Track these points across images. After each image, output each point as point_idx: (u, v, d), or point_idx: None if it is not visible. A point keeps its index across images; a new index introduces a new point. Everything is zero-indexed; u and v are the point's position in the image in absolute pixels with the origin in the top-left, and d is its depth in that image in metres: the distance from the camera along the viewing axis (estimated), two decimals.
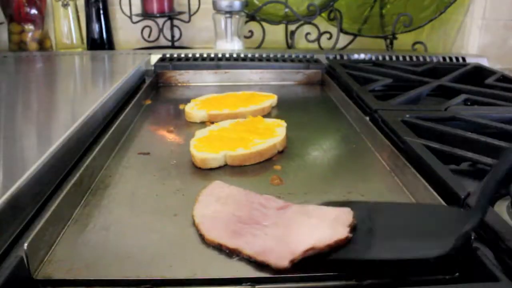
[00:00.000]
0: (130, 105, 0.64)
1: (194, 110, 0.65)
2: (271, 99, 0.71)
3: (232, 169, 0.50)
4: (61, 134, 0.48)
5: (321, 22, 1.09)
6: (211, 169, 0.50)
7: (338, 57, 0.95)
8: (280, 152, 0.54)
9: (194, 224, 0.38)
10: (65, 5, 1.02)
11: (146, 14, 1.07)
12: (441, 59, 0.93)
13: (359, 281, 0.32)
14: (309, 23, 1.06)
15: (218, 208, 0.40)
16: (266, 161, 0.52)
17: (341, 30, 1.08)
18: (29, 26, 1.00)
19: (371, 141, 0.57)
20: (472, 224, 0.31)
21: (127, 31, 1.13)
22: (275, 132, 0.55)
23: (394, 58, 0.94)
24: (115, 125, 0.56)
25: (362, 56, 0.95)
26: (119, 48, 1.11)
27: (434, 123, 0.55)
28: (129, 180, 0.47)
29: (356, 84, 0.73)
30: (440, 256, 0.31)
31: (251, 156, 0.51)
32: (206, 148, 0.51)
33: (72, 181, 0.41)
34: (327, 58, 0.92)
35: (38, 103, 0.64)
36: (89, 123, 0.55)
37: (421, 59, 0.93)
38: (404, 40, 1.11)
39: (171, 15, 1.09)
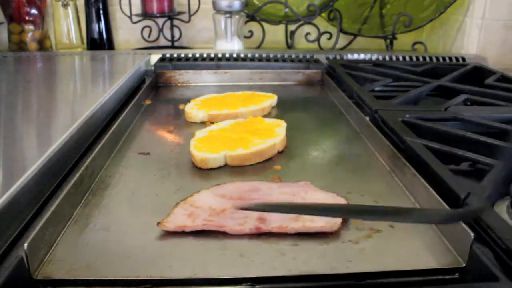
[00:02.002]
0: (130, 105, 0.64)
1: (194, 110, 0.65)
2: (271, 99, 0.71)
3: (232, 169, 0.50)
4: (61, 134, 0.48)
5: (321, 22, 1.09)
6: (211, 169, 0.50)
7: (338, 57, 0.95)
8: (280, 152, 0.54)
9: None
10: (65, 5, 1.02)
11: (146, 14, 1.07)
12: (441, 59, 0.93)
13: (358, 281, 0.32)
14: (309, 23, 1.06)
15: None
16: (266, 161, 0.52)
17: (341, 30, 1.08)
18: (29, 26, 1.00)
19: (371, 141, 0.57)
20: (481, 205, 0.32)
21: (127, 31, 1.13)
22: (275, 132, 0.55)
23: (394, 58, 0.94)
24: (115, 125, 0.56)
25: (362, 56, 0.95)
26: (119, 48, 1.11)
27: (434, 123, 0.55)
28: (129, 180, 0.47)
29: (356, 84, 0.73)
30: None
31: (251, 156, 0.51)
32: (206, 148, 0.51)
33: (72, 181, 0.41)
34: (327, 58, 0.92)
35: (38, 103, 0.64)
36: (89, 123, 0.55)
37: (421, 59, 0.93)
38: (404, 40, 1.11)
39: (171, 15, 1.09)
